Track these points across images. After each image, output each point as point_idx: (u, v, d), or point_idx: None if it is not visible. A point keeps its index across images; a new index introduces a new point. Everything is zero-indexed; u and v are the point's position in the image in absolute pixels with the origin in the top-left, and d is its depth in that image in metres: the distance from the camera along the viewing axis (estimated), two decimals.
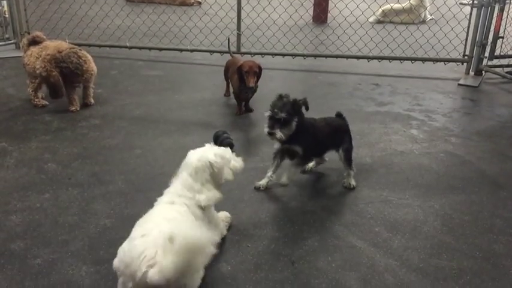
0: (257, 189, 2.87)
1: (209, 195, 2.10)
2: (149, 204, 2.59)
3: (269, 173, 2.88)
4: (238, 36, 6.24)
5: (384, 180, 3.07)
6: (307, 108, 2.79)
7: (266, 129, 2.68)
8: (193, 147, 2.17)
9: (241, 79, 3.99)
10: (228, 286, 2.02)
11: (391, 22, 9.09)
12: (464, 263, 2.26)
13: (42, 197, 2.69)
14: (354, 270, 2.17)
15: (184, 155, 2.22)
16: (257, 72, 3.99)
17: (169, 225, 1.84)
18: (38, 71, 3.96)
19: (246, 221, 2.53)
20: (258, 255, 2.24)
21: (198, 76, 5.57)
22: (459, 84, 5.51)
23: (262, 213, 2.62)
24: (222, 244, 2.31)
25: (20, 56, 4.31)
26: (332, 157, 3.08)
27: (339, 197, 2.84)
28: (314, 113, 4.36)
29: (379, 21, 9.32)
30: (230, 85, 4.52)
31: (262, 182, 2.88)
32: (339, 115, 3.15)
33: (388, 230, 2.51)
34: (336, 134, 3.00)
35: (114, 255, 2.16)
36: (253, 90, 4.11)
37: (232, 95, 4.44)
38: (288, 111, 2.64)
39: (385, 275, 2.14)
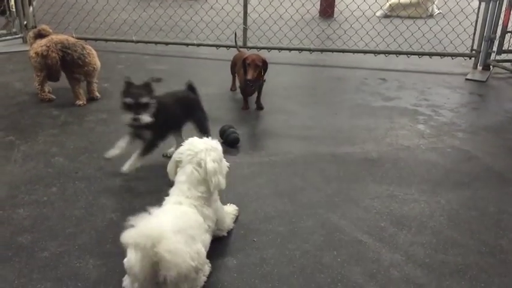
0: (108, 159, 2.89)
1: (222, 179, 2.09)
2: (155, 199, 2.60)
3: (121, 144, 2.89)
4: (245, 30, 6.23)
5: (390, 175, 3.06)
6: None
7: (131, 117, 2.67)
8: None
9: (245, 72, 3.99)
10: (234, 280, 2.03)
11: (398, 16, 9.05)
12: (470, 258, 2.25)
13: (50, 191, 2.71)
14: (359, 265, 2.17)
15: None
16: (259, 66, 3.97)
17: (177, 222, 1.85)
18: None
19: (252, 216, 2.53)
20: (264, 250, 2.25)
21: (204, 70, 5.57)
22: (467, 79, 5.48)
23: (267, 207, 2.62)
24: (228, 238, 2.32)
25: (27, 50, 4.32)
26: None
27: (345, 191, 2.83)
28: (321, 107, 4.37)
29: (386, 16, 9.28)
30: (237, 80, 4.52)
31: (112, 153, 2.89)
32: (190, 87, 3.15)
33: (394, 225, 2.51)
34: (185, 106, 3.01)
35: (122, 248, 2.17)
36: (259, 84, 4.10)
37: (238, 90, 4.44)
38: (148, 93, 2.69)
39: (390, 270, 2.14)
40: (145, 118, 2.68)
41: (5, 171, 2.92)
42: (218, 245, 2.25)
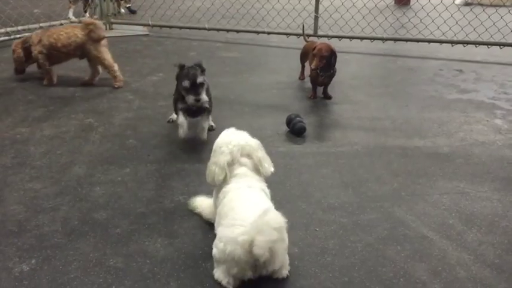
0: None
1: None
2: None
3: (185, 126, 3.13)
4: (316, 18, 6.18)
5: (462, 171, 2.95)
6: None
7: (194, 97, 2.94)
8: (266, 129, 2.20)
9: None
10: (295, 268, 2.05)
11: (479, 4, 8.58)
12: None
13: (123, 172, 2.86)
14: (423, 262, 2.12)
15: (256, 137, 2.26)
16: (325, 56, 3.92)
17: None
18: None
19: (315, 205, 2.54)
20: (326, 240, 2.25)
21: (274, 59, 5.59)
22: None
23: (331, 198, 2.61)
24: (289, 227, 2.34)
25: (109, 36, 4.55)
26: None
27: (412, 185, 2.76)
28: (391, 98, 4.27)
29: (466, 4, 8.83)
30: (305, 69, 4.50)
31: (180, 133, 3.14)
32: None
33: (463, 222, 2.42)
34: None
35: (187, 229, 2.27)
36: (329, 74, 4.07)
37: (307, 79, 4.43)
38: (202, 73, 2.93)
39: (457, 269, 2.08)
40: (204, 97, 2.98)
41: (84, 151, 3.11)
42: None
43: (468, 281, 2.00)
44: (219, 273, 1.93)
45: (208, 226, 2.30)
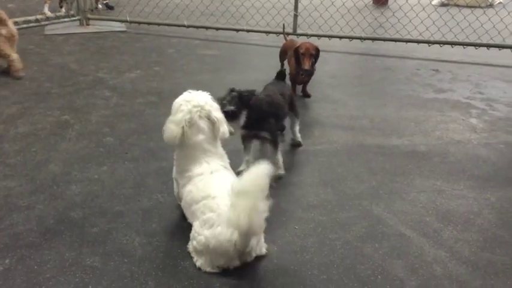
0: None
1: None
2: None
3: (246, 157, 2.85)
4: (295, 17, 6.19)
5: (439, 169, 2.99)
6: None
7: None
8: None
9: (298, 61, 3.96)
10: (274, 266, 2.05)
11: (456, 5, 8.72)
12: None
13: (100, 170, 2.82)
14: (401, 259, 2.14)
15: (236, 135, 2.25)
16: (313, 54, 3.94)
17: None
18: None
19: (294, 203, 2.54)
20: (305, 238, 2.26)
21: (253, 57, 5.59)
22: None
23: (310, 196, 2.62)
24: (269, 225, 2.34)
25: (84, 32, 4.48)
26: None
27: (390, 184, 2.79)
28: (369, 97, 4.31)
29: (443, 4, 8.97)
30: (285, 67, 4.51)
31: (243, 167, 2.83)
32: (281, 74, 3.15)
33: (439, 220, 2.45)
34: (286, 100, 3.00)
35: (166, 228, 2.25)
36: (310, 73, 4.08)
37: (286, 77, 4.42)
38: (236, 103, 2.59)
39: (433, 266, 2.11)
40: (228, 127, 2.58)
41: (60, 148, 3.06)
42: None
43: (444, 277, 2.03)
44: (201, 263, 1.96)
45: (186, 224, 2.28)
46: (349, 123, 3.66)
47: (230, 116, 2.58)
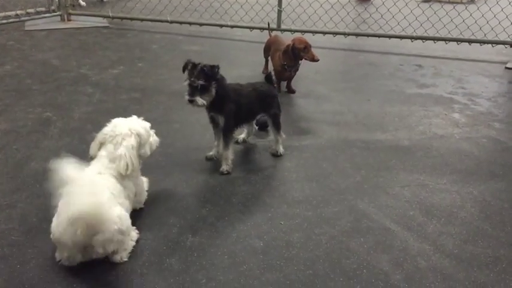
0: (209, 159, 2.94)
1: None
2: (185, 178, 2.66)
3: (215, 142, 2.94)
4: (279, 12, 6.18)
5: (422, 164, 3.02)
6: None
7: (186, 97, 2.68)
8: None
9: (295, 57, 3.97)
10: (260, 261, 2.05)
11: (438, 1, 8.78)
12: (500, 251, 2.21)
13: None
14: (386, 253, 2.16)
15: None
16: (311, 45, 3.99)
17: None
18: None
19: (279, 199, 2.54)
20: (290, 233, 2.26)
21: (237, 52, 5.57)
22: (506, 68, 5.31)
23: (296, 191, 2.62)
24: (254, 220, 2.34)
25: (65, 28, 4.41)
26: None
27: (374, 178, 2.81)
28: (353, 92, 4.32)
29: (425, 0, 9.03)
30: (269, 63, 4.50)
31: (212, 153, 2.96)
32: (268, 78, 3.08)
33: (423, 214, 2.48)
34: (263, 99, 2.96)
35: (151, 226, 2.23)
36: (296, 68, 4.09)
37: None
38: (205, 77, 2.63)
39: (417, 259, 2.13)
40: (200, 101, 2.65)
41: (41, 146, 3.01)
42: (244, 226, 2.28)
43: (429, 270, 2.05)
44: (57, 253, 1.98)
45: (171, 221, 2.27)
46: (334, 119, 3.67)
47: (201, 90, 2.62)
